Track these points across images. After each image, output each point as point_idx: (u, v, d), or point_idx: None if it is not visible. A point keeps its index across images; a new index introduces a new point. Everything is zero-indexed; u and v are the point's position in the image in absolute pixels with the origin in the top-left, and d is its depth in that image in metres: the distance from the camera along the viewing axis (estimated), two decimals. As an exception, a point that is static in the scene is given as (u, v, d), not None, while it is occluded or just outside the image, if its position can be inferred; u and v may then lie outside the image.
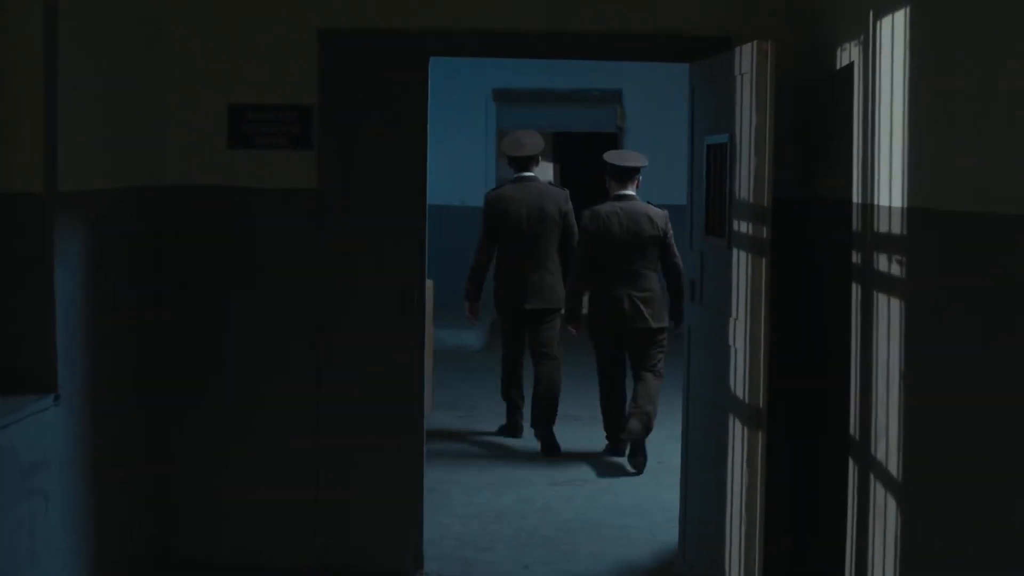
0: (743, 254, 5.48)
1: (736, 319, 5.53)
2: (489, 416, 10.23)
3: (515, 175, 9.28)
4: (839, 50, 5.63)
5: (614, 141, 15.12)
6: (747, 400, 5.38)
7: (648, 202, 8.73)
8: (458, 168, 14.72)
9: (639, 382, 8.58)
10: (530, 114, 14.98)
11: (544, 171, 17.45)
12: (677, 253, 8.43)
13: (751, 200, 5.39)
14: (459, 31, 6.35)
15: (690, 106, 6.37)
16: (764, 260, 5.35)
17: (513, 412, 9.59)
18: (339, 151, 6.34)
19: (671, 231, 8.56)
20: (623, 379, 8.82)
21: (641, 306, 8.43)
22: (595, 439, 9.27)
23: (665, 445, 8.89)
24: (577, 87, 14.89)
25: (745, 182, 5.45)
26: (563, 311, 8.96)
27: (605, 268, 8.51)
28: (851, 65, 5.42)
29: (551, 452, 9.03)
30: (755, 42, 5.38)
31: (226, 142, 6.33)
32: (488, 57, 6.85)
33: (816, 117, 6.00)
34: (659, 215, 8.60)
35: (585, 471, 8.65)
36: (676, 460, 6.71)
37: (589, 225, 8.55)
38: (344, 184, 6.34)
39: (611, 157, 8.64)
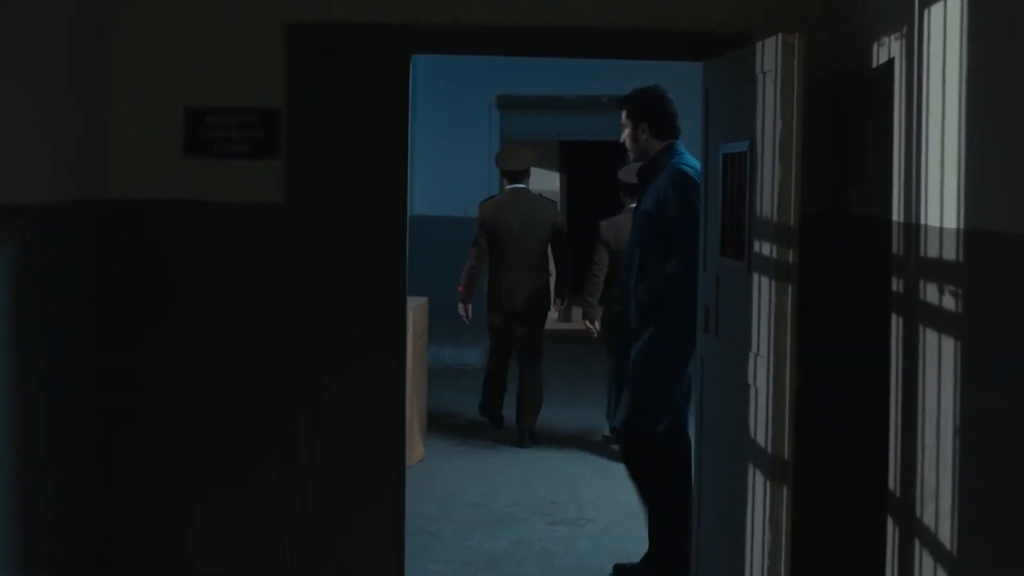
0: (765, 280, 4.69)
1: (757, 355, 4.73)
2: (487, 441, 9.49)
3: (508, 186, 9.66)
4: (876, 44, 4.83)
5: (623, 150, 14.29)
6: (770, 449, 4.59)
7: None
8: (460, 178, 13.93)
9: None
10: (535, 122, 14.21)
11: (550, 181, 16.69)
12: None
13: (775, 217, 4.60)
14: (444, 25, 5.58)
15: (704, 110, 5.58)
16: (790, 287, 4.55)
17: (495, 408, 9.96)
18: (309, 160, 5.56)
19: None
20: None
21: None
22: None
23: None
24: (584, 93, 14.09)
25: (768, 196, 4.66)
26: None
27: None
28: (891, 61, 4.63)
29: (532, 442, 9.44)
30: (779, 35, 4.59)
31: (181, 150, 5.56)
32: (477, 54, 6.08)
33: (848, 121, 5.20)
34: None
35: (587, 508, 7.86)
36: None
37: (606, 234, 8.92)
38: (315, 198, 5.56)
39: (623, 175, 8.93)
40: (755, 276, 4.79)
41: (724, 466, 5.15)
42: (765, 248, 4.70)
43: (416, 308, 8.70)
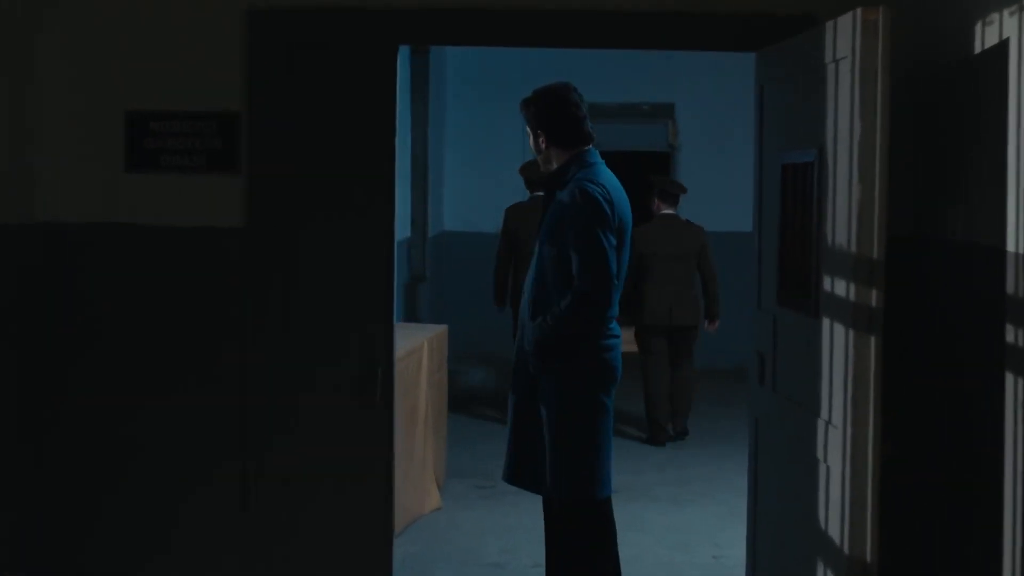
0: (839, 328, 3.56)
1: (829, 423, 3.60)
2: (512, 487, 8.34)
3: (532, 194, 9.23)
4: (981, 24, 3.69)
5: (667, 162, 13.15)
6: (847, 548, 3.46)
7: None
8: (492, 192, 12.79)
9: (677, 370, 9.13)
10: (571, 131, 13.08)
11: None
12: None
13: (852, 247, 3.47)
14: (440, 8, 4.50)
15: (757, 112, 4.45)
16: (873, 340, 3.42)
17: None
18: (276, 174, 4.50)
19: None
20: (666, 371, 9.16)
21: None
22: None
23: (725, 530, 6.95)
24: (623, 100, 12.93)
25: (843, 220, 3.54)
26: None
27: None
28: (1002, 45, 3.49)
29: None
30: (858, 10, 3.47)
31: (123, 163, 4.54)
32: (479, 45, 4.98)
33: (942, 122, 4.05)
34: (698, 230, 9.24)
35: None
36: (738, 553, 5.15)
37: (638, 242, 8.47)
38: (282, 220, 4.50)
39: (658, 183, 8.98)
40: (825, 322, 3.67)
41: (785, 556, 4.02)
42: (839, 286, 3.57)
43: (433, 338, 7.60)
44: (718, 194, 12.51)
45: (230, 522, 4.52)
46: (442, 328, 8.06)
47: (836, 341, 3.58)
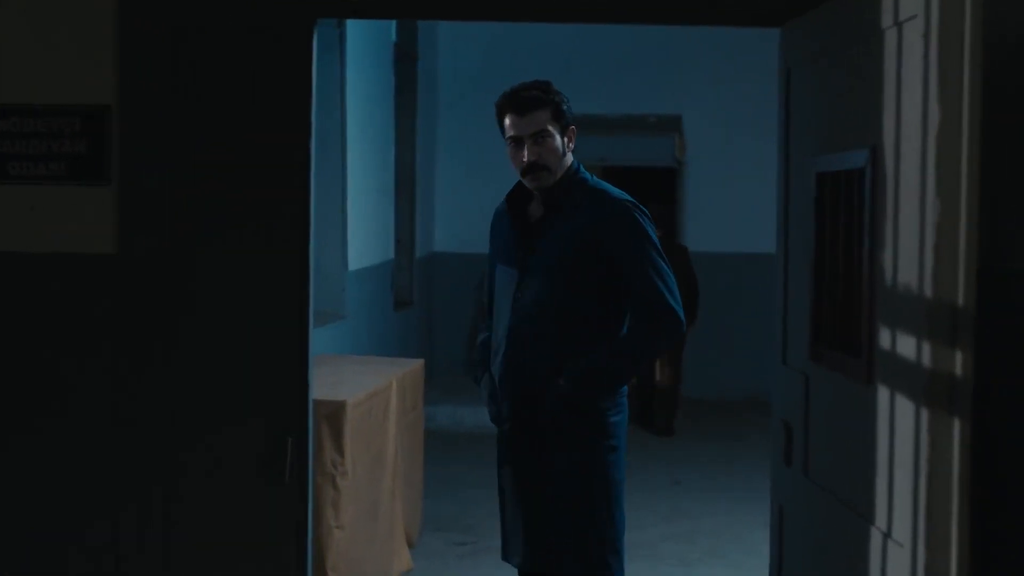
0: (905, 403, 2.42)
1: (890, 537, 2.46)
2: (499, 540, 7.14)
3: None
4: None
5: (672, 178, 12.01)
6: None
7: None
8: (485, 210, 11.64)
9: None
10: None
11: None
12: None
13: (928, 288, 2.34)
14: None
15: (782, 105, 3.30)
16: (959, 425, 2.29)
17: None
18: (157, 185, 3.37)
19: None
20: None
21: None
22: None
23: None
24: (627, 112, 11.79)
25: (911, 248, 2.41)
26: None
27: None
28: None
29: None
30: (935, -52, 2.35)
31: (-41, 172, 3.40)
32: (432, 19, 3.91)
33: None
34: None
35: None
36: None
37: None
38: (165, 243, 3.37)
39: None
40: (883, 393, 2.53)
41: None
42: (904, 343, 2.44)
43: (406, 375, 6.50)
44: (729, 213, 11.49)
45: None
46: (417, 363, 6.94)
47: (900, 421, 2.44)
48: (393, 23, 9.19)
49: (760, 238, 11.15)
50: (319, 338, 7.48)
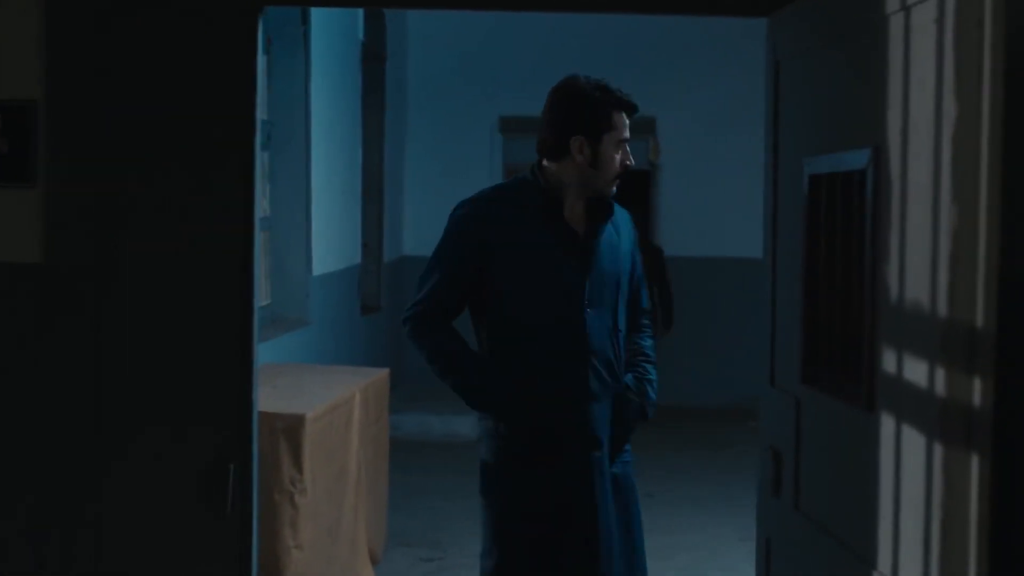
0: (913, 434, 2.14)
1: (896, 587, 2.18)
2: (468, 555, 6.82)
3: None
4: None
5: (646, 180, 11.72)
6: None
7: None
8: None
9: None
10: (544, 147, 11.64)
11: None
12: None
13: (941, 306, 2.05)
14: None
15: (770, 101, 3.01)
16: (977, 461, 2.00)
17: None
18: (87, 187, 3.06)
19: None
20: None
21: None
22: None
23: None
24: (602, 113, 11.52)
25: (922, 259, 2.12)
26: None
27: None
28: None
29: None
30: (950, -80, 2.06)
31: None
32: (394, 7, 3.58)
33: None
34: None
35: None
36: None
37: None
38: (96, 254, 3.06)
39: None
40: (886, 422, 2.24)
41: None
42: (912, 367, 2.15)
43: (369, 385, 6.20)
44: (705, 216, 11.22)
45: None
46: (382, 372, 6.63)
47: (908, 455, 2.15)
48: (360, 21, 8.89)
49: (735, 242, 10.91)
50: (282, 346, 7.16)
